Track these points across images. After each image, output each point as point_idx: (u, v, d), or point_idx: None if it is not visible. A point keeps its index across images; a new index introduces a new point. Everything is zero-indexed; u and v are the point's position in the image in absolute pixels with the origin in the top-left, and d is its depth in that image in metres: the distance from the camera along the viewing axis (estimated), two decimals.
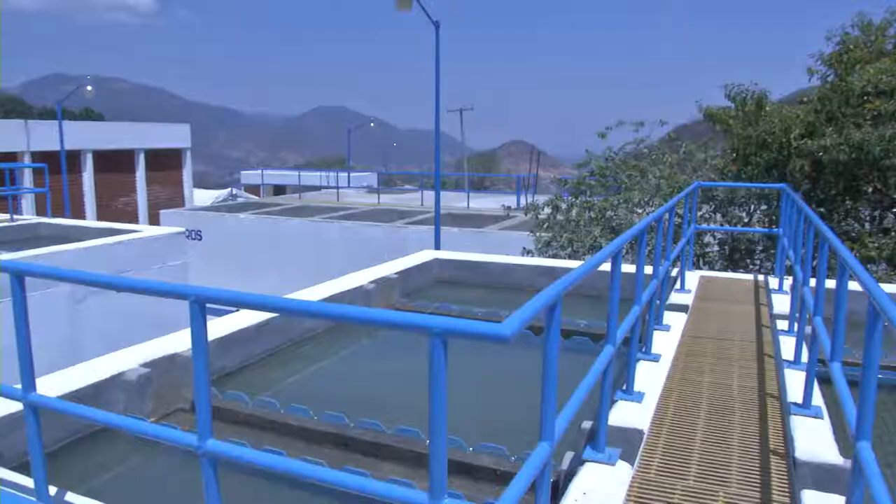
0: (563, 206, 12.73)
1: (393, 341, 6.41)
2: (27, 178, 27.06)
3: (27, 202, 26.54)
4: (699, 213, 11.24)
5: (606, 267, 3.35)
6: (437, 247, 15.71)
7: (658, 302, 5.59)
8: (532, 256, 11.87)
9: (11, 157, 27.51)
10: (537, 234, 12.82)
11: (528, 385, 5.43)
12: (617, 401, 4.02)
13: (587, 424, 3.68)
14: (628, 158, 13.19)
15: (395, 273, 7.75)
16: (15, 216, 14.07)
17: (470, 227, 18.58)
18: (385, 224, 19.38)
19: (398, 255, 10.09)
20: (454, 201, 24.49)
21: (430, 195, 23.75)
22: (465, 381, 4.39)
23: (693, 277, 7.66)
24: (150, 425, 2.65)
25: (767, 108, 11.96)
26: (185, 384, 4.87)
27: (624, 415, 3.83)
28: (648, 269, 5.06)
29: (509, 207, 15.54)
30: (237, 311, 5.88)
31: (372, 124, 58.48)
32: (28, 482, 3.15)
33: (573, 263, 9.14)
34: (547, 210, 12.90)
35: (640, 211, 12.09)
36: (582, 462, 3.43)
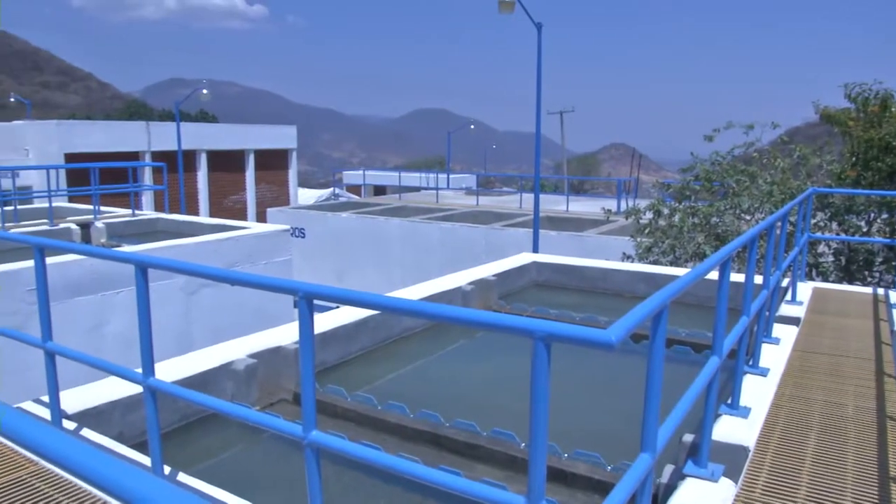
0: (666, 210, 12.37)
1: (490, 343, 6.42)
2: (147, 176, 28.80)
3: (147, 198, 28.25)
4: (812, 221, 10.67)
5: (713, 275, 3.23)
6: (536, 250, 15.60)
7: (767, 313, 5.35)
8: (632, 262, 11.60)
9: (134, 156, 29.35)
10: (638, 239, 12.51)
11: (625, 393, 5.34)
12: (721, 415, 3.87)
13: (689, 438, 3.56)
14: (737, 162, 12.65)
15: (493, 275, 7.76)
16: (136, 211, 15.01)
17: (568, 231, 18.36)
18: (483, 226, 19.42)
19: (496, 257, 10.09)
20: (553, 204, 24.27)
21: (528, 198, 23.62)
22: (560, 385, 4.34)
23: (805, 289, 7.28)
24: (257, 413, 2.76)
25: (893, 109, 11.20)
26: (287, 376, 5.06)
27: (728, 430, 3.68)
28: (758, 279, 4.84)
29: (609, 211, 15.23)
30: (337, 307, 6.05)
31: (472, 126, 58.66)
32: (145, 460, 3.35)
33: (675, 270, 8.87)
34: (648, 215, 12.57)
35: (748, 218, 11.59)
36: (682, 476, 3.32)
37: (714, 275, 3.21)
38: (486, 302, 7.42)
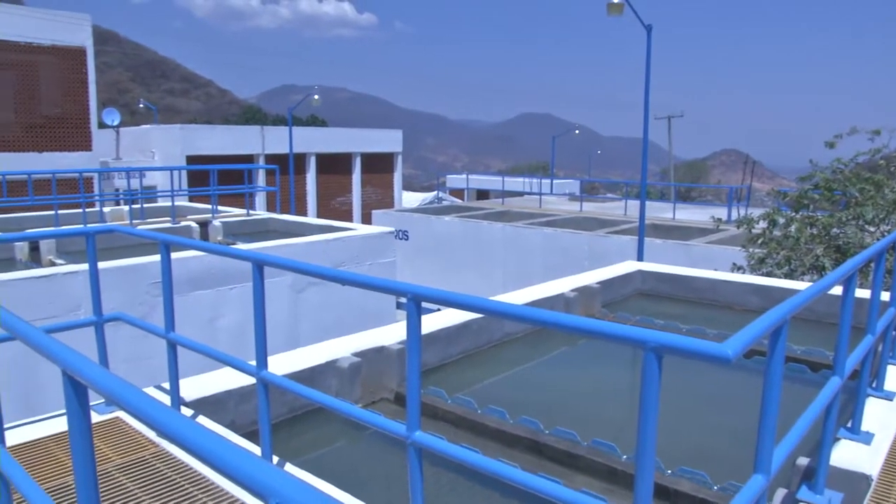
0: (781, 220, 11.77)
1: (591, 352, 6.31)
2: (261, 178, 30.11)
3: (259, 199, 29.53)
4: None
5: (835, 290, 3.05)
6: (640, 258, 15.23)
7: (894, 333, 5.00)
8: (743, 273, 11.11)
9: (249, 158, 30.78)
10: (750, 249, 11.98)
11: (731, 409, 5.13)
12: (840, 439, 3.64)
13: (803, 461, 3.38)
14: (860, 170, 11.89)
15: (597, 283, 7.63)
16: (250, 211, 15.71)
17: (674, 239, 17.81)
18: (586, 232, 19.13)
19: (598, 264, 9.92)
20: (659, 212, 23.60)
21: (633, 204, 23.09)
22: (662, 397, 4.21)
23: None
24: (362, 410, 2.83)
25: None
26: (389, 375, 5.15)
27: (848, 456, 3.46)
28: (884, 296, 4.54)
29: (719, 220, 14.65)
30: (439, 309, 6.11)
31: (577, 131, 57.92)
32: (256, 449, 3.50)
33: (791, 283, 8.43)
34: (762, 224, 12.00)
35: (871, 229, 10.87)
36: (795, 502, 3.15)
37: (837, 290, 3.03)
38: (588, 309, 7.31)
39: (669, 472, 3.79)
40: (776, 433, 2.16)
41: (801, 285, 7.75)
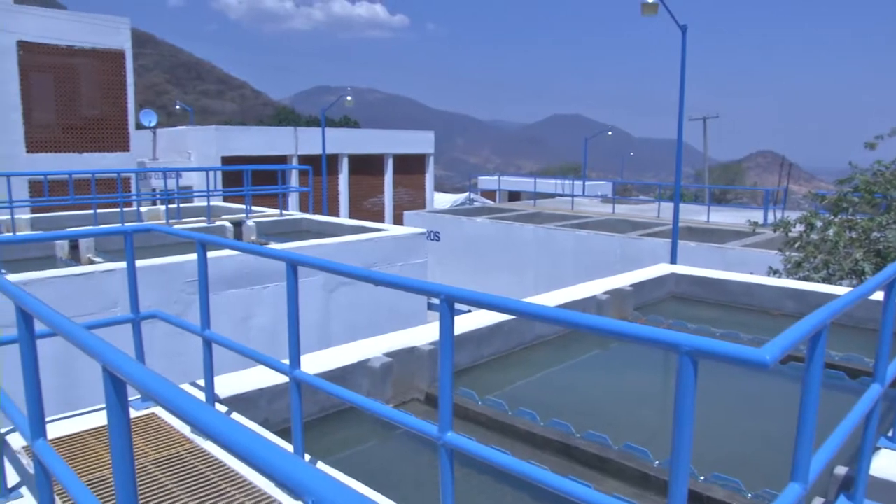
0: (819, 223, 11.55)
1: (623, 355, 6.26)
2: (293, 179, 30.40)
3: (292, 199, 29.82)
4: None
5: (876, 295, 2.99)
6: (674, 261, 15.06)
7: None
8: (779, 277, 10.93)
9: (283, 159, 31.10)
10: (786, 253, 11.78)
11: (765, 415, 5.04)
12: (880, 448, 3.56)
13: (841, 470, 3.31)
14: None
15: (629, 285, 7.56)
16: (283, 211, 15.87)
17: (709, 242, 17.58)
18: (619, 234, 18.97)
19: (631, 267, 9.83)
20: (693, 214, 23.31)
21: (666, 207, 22.84)
22: (697, 402, 4.16)
23: None
24: (394, 410, 2.85)
25: None
26: (420, 376, 5.17)
27: (889, 466, 3.38)
28: None
29: (755, 223, 14.42)
30: (470, 311, 6.11)
31: (609, 133, 57.48)
32: (288, 447, 3.53)
33: (829, 288, 8.26)
34: (799, 227, 11.79)
35: None
36: None
37: (878, 295, 2.97)
38: (620, 312, 7.25)
39: (702, 478, 3.75)
40: (814, 441, 2.12)
41: (839, 290, 7.59)
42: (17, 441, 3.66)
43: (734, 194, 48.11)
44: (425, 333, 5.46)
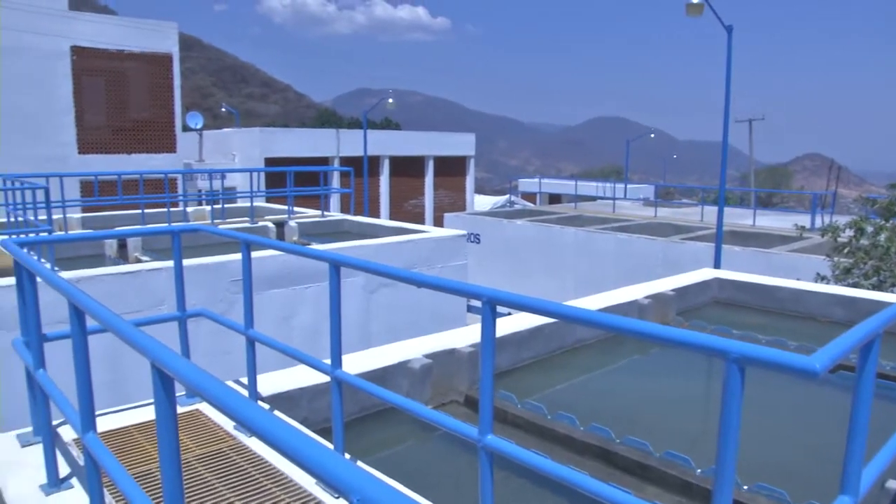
0: (870, 228, 11.26)
1: (665, 360, 6.18)
2: (335, 180, 30.70)
3: (334, 200, 30.12)
4: None
5: None
6: (717, 265, 14.80)
7: None
8: (827, 283, 10.67)
9: (325, 161, 31.43)
10: (835, 258, 11.50)
11: (813, 425, 4.93)
12: None
13: (893, 484, 3.22)
14: None
15: (672, 290, 7.46)
16: (325, 213, 16.03)
17: (754, 247, 17.23)
18: (661, 238, 18.72)
19: (673, 271, 9.69)
20: (737, 218, 22.87)
21: (710, 210, 22.44)
22: (742, 409, 4.07)
23: None
24: (434, 412, 2.85)
25: None
26: (460, 378, 5.17)
27: None
28: None
29: (802, 227, 14.10)
30: (510, 313, 6.10)
31: (652, 135, 56.77)
32: (328, 446, 3.57)
33: (880, 295, 8.04)
34: (848, 232, 11.51)
35: None
36: None
37: None
38: (663, 317, 7.15)
39: (746, 487, 3.68)
40: (865, 453, 2.06)
41: (891, 297, 7.38)
42: (67, 433, 3.76)
43: (780, 198, 47.08)
44: (465, 335, 5.47)
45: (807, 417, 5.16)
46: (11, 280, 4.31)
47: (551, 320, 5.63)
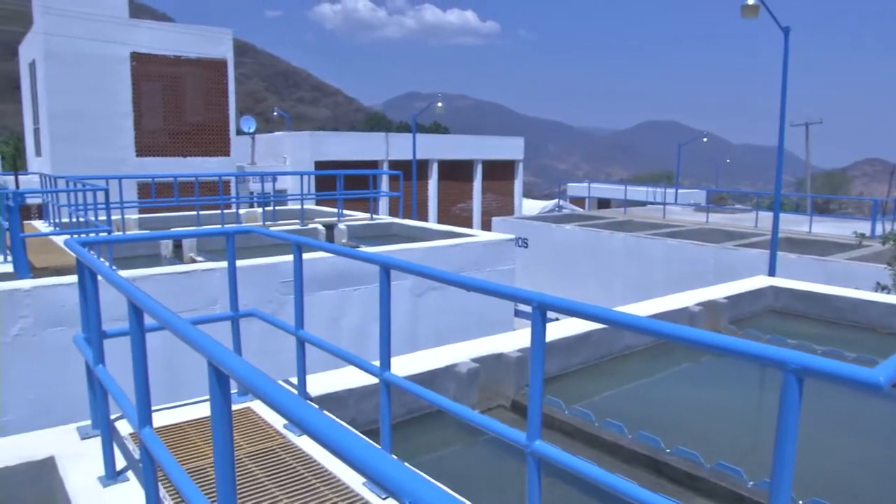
0: None
1: (716, 369, 6.06)
2: (384, 183, 30.94)
3: (383, 204, 30.35)
4: None
5: None
6: (772, 273, 14.45)
7: None
8: (888, 293, 10.32)
9: (374, 164, 31.71)
10: None
11: (873, 440, 4.76)
12: None
13: None
14: None
15: (724, 297, 7.31)
16: (374, 216, 16.17)
17: (810, 255, 16.76)
18: (712, 245, 18.36)
19: (725, 278, 9.49)
20: (793, 224, 22.27)
21: (764, 216, 21.94)
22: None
23: None
24: (482, 416, 2.85)
25: None
26: (506, 382, 5.15)
27: None
28: None
29: (862, 235, 13.67)
30: (557, 318, 6.06)
31: (704, 139, 55.66)
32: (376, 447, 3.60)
33: None
34: None
35: None
36: None
37: None
38: (714, 325, 7.01)
39: (801, 502, 3.58)
40: None
41: None
42: (124, 428, 3.88)
43: (838, 204, 45.68)
44: (513, 340, 5.45)
45: (865, 431, 5.00)
46: (74, 278, 4.46)
47: (599, 326, 5.58)
